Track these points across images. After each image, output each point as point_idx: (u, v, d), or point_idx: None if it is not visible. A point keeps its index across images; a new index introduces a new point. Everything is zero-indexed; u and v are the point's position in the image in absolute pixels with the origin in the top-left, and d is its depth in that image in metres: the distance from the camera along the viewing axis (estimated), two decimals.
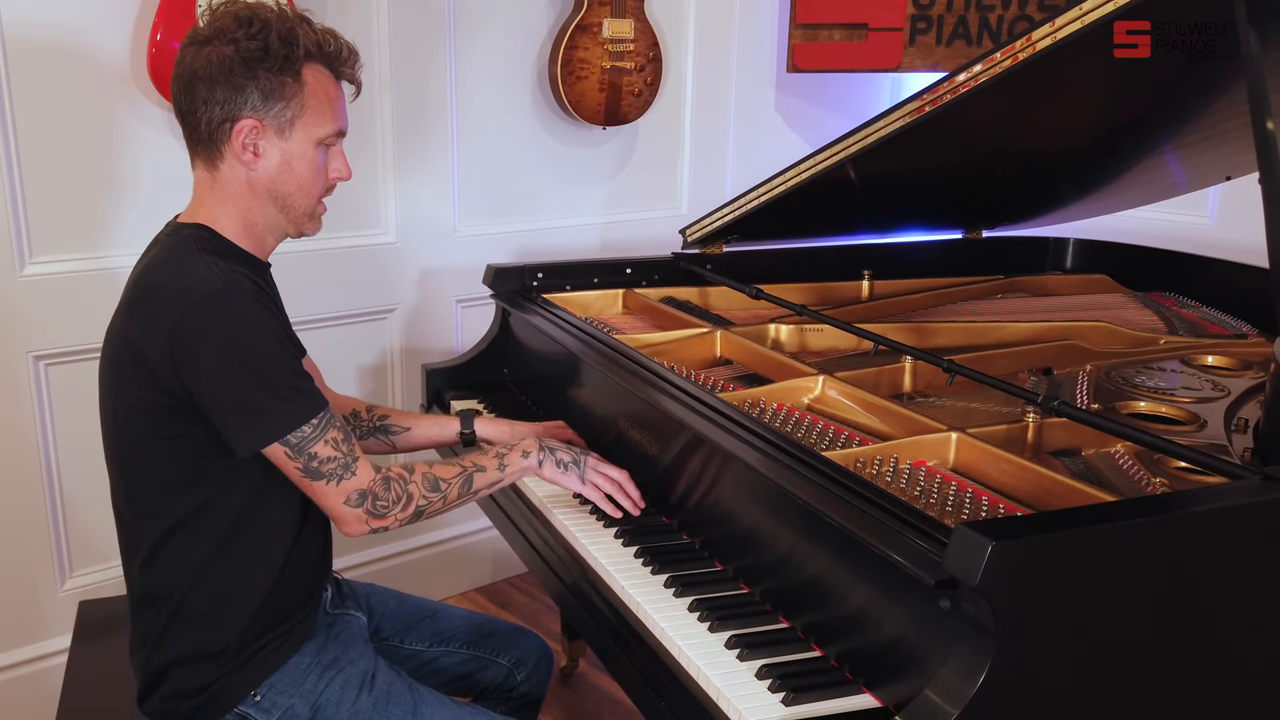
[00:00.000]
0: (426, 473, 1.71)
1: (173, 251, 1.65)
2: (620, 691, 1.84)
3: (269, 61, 1.60)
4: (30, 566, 2.64)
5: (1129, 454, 1.73)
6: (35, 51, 2.43)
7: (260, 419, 1.56)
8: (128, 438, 1.65)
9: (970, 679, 1.18)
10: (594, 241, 3.53)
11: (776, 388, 2.02)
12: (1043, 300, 2.74)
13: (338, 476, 1.61)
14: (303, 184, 1.69)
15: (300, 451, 1.58)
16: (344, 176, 1.75)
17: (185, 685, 1.68)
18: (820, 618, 1.51)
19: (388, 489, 1.65)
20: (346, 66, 1.71)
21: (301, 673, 1.71)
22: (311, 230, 1.77)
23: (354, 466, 1.63)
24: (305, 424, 1.58)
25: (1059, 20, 1.73)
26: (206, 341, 1.54)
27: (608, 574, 1.74)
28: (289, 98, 1.63)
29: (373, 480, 1.64)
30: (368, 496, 1.63)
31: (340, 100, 1.71)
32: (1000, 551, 1.15)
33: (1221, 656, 1.37)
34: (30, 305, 2.51)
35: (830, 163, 2.25)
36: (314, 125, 1.66)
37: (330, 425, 1.61)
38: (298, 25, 1.64)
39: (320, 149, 1.69)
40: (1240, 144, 2.16)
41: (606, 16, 3.19)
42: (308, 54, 1.64)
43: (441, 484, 1.72)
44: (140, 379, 1.58)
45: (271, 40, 1.60)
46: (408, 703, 1.75)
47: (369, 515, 1.64)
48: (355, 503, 1.63)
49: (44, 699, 2.52)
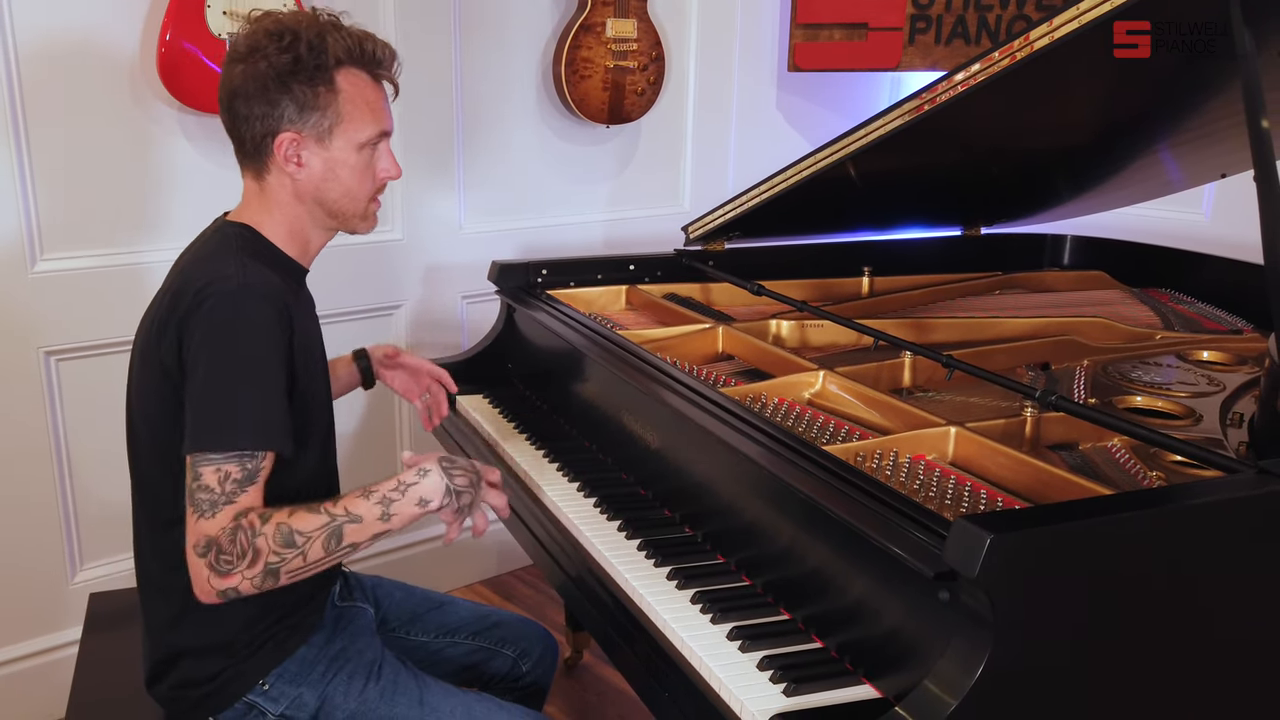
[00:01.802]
0: (282, 523, 1.51)
1: (211, 248, 1.67)
2: (624, 682, 1.85)
3: (301, 74, 1.60)
4: (41, 559, 2.66)
5: (1126, 448, 1.73)
6: (46, 51, 2.44)
7: (194, 425, 1.52)
8: (145, 425, 1.66)
9: (969, 670, 1.18)
10: (597, 238, 3.55)
11: (778, 383, 2.03)
12: (1040, 296, 2.74)
13: (201, 511, 1.50)
14: (348, 189, 1.70)
15: (193, 468, 1.51)
16: (393, 175, 1.75)
17: (194, 674, 1.69)
18: (821, 610, 1.51)
19: (233, 541, 1.49)
20: (383, 68, 1.71)
21: (309, 663, 1.73)
22: (365, 229, 1.78)
23: (220, 509, 1.50)
24: (215, 450, 1.51)
25: (1056, 20, 1.74)
26: (200, 334, 1.54)
27: (611, 566, 1.75)
28: (324, 107, 1.63)
29: (222, 529, 1.49)
30: (212, 548, 1.49)
31: (380, 101, 1.70)
32: (999, 544, 1.15)
33: (1217, 648, 1.37)
34: (41, 302, 2.53)
35: (830, 161, 2.26)
36: (354, 130, 1.66)
37: (237, 462, 1.51)
38: (329, 32, 1.63)
39: (364, 152, 1.69)
40: (1235, 142, 2.16)
41: (610, 16, 3.20)
42: (339, 60, 1.63)
43: (298, 538, 1.52)
44: (157, 367, 1.60)
45: (301, 52, 1.60)
46: (414, 692, 1.76)
47: (211, 570, 1.49)
48: (201, 551, 1.50)
49: (55, 690, 2.53)
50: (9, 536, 2.60)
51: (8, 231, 2.46)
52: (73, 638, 2.29)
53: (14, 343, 2.52)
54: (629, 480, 2.05)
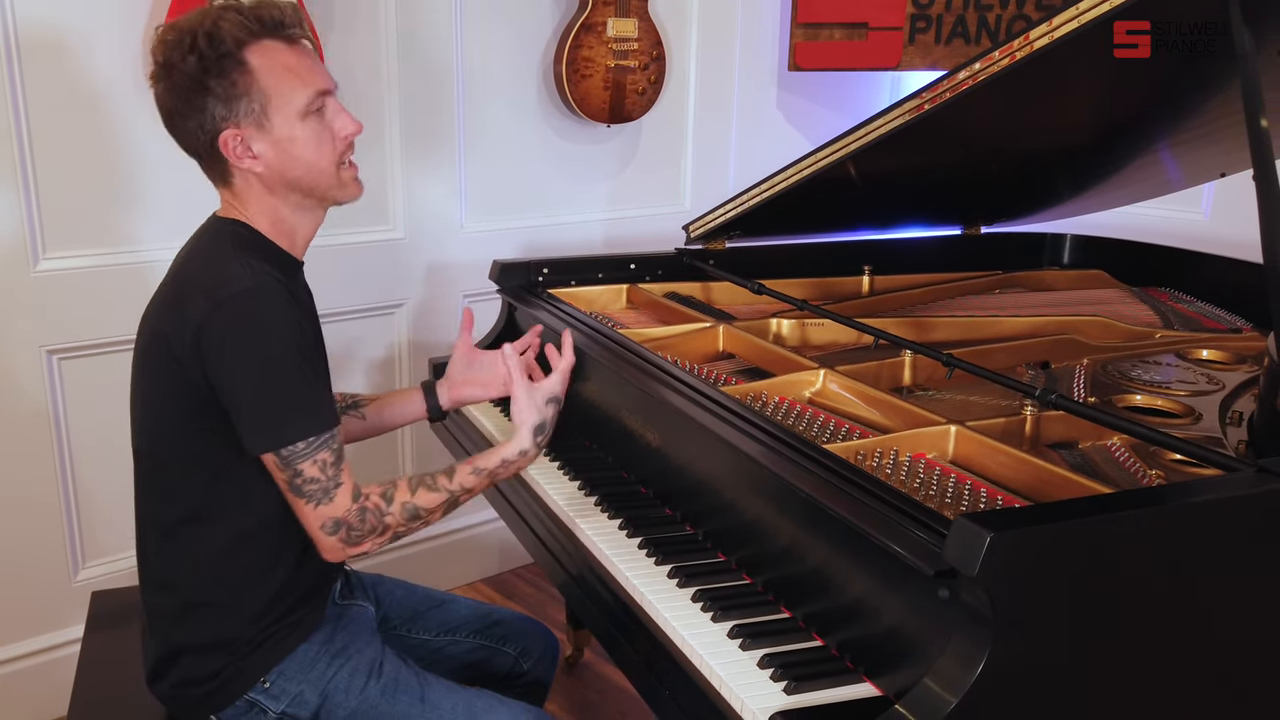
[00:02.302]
0: (407, 502, 1.67)
1: (211, 247, 1.67)
2: (625, 680, 1.86)
3: (210, 70, 1.57)
4: (44, 558, 2.67)
5: (1125, 446, 1.74)
6: (48, 51, 2.44)
7: (259, 424, 1.57)
8: (154, 426, 1.67)
9: (969, 668, 1.18)
10: (598, 237, 3.55)
11: (778, 381, 2.03)
12: (1040, 295, 2.75)
13: (316, 499, 1.60)
14: (308, 163, 1.66)
15: (288, 465, 1.58)
16: (350, 130, 1.69)
17: (196, 672, 1.69)
18: (821, 608, 1.51)
19: (362, 520, 1.63)
20: (289, 28, 1.64)
21: (310, 660, 1.73)
22: (346, 196, 1.73)
23: (334, 493, 1.60)
24: (300, 440, 1.57)
25: (1056, 20, 1.74)
26: (229, 338, 1.55)
27: (612, 565, 1.75)
28: (246, 91, 1.59)
29: (348, 510, 1.62)
30: (341, 526, 1.62)
31: (304, 62, 1.64)
32: (998, 542, 1.16)
33: (1216, 647, 1.37)
34: (43, 300, 2.53)
35: (831, 160, 2.26)
36: (285, 102, 1.62)
37: (325, 447, 1.59)
38: (222, 17, 1.59)
39: (310, 120, 1.64)
40: (1234, 142, 2.15)
41: (611, 16, 3.21)
42: (239, 41, 1.58)
43: (422, 512, 1.69)
44: (169, 370, 1.60)
45: (202, 48, 1.56)
46: (415, 689, 1.76)
47: (343, 544, 1.63)
48: (330, 530, 1.61)
49: (57, 688, 2.53)
50: (11, 535, 2.61)
51: (10, 230, 2.46)
52: (75, 636, 2.30)
53: (16, 341, 2.52)
54: (630, 479, 2.05)
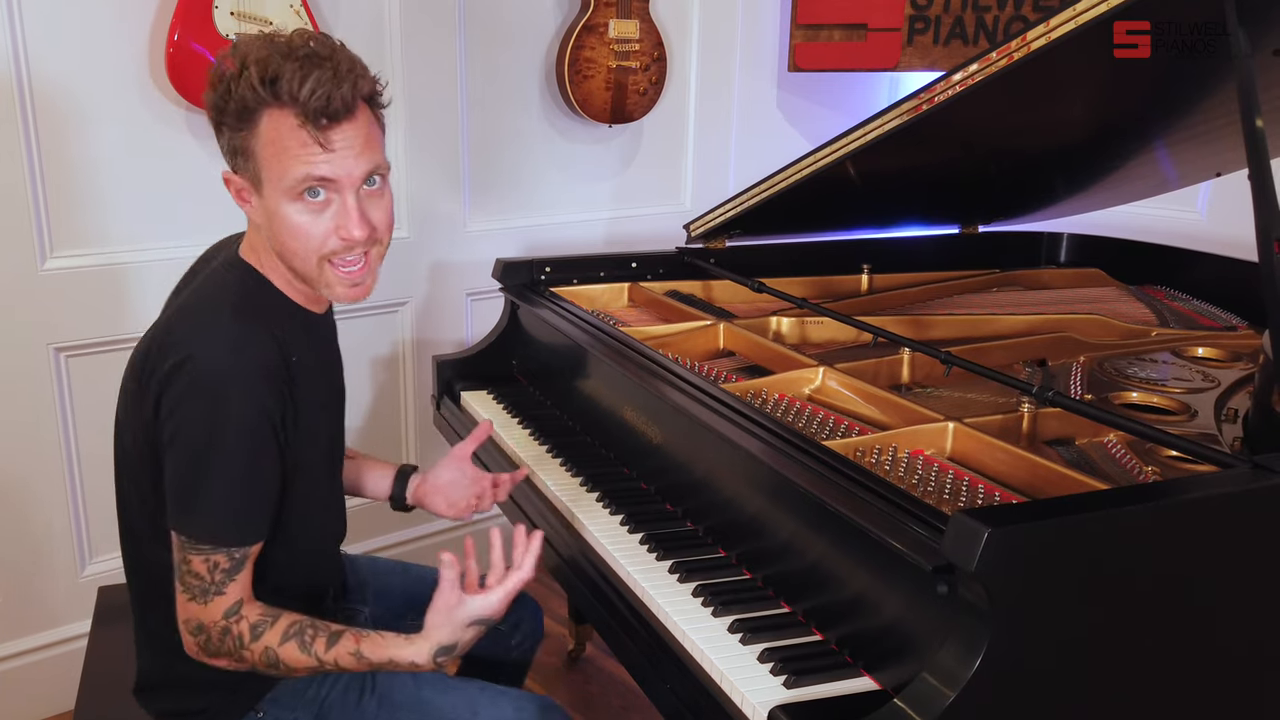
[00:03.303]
0: (270, 648, 1.51)
1: (211, 300, 1.55)
2: (626, 674, 1.87)
3: (227, 115, 1.46)
4: (50, 553, 2.68)
5: (1122, 443, 1.74)
6: (56, 51, 2.45)
7: (175, 501, 1.49)
8: (134, 458, 1.60)
9: (967, 662, 1.19)
10: (600, 236, 3.56)
11: (778, 379, 2.04)
12: (1037, 293, 2.75)
13: (191, 594, 1.50)
14: (290, 245, 1.50)
15: (181, 550, 1.50)
16: (349, 235, 1.50)
17: (183, 705, 1.66)
18: (821, 603, 1.52)
19: (222, 641, 1.51)
20: (324, 116, 1.43)
21: (301, 684, 1.68)
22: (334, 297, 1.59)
23: (211, 599, 1.50)
24: (202, 539, 1.48)
25: (1053, 20, 1.74)
26: (178, 411, 1.46)
27: (614, 560, 1.77)
28: (248, 152, 1.47)
29: (214, 622, 1.50)
30: (202, 632, 1.51)
31: (305, 143, 1.44)
32: (996, 538, 1.16)
33: (1212, 642, 1.38)
34: (51, 299, 2.55)
35: (830, 160, 2.26)
36: (275, 176, 1.46)
37: (223, 553, 1.49)
38: (270, 65, 1.42)
39: (299, 204, 1.48)
40: (1230, 141, 2.16)
41: (612, 17, 3.22)
42: (261, 99, 1.43)
43: (283, 667, 1.53)
44: (137, 409, 1.55)
45: (232, 88, 1.44)
46: (411, 693, 1.72)
47: (200, 649, 1.53)
48: (192, 630, 1.52)
49: (65, 682, 2.54)
50: (19, 530, 2.63)
51: (18, 229, 2.48)
52: (82, 630, 2.31)
53: (24, 339, 2.54)
54: (631, 475, 2.06)
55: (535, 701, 1.74)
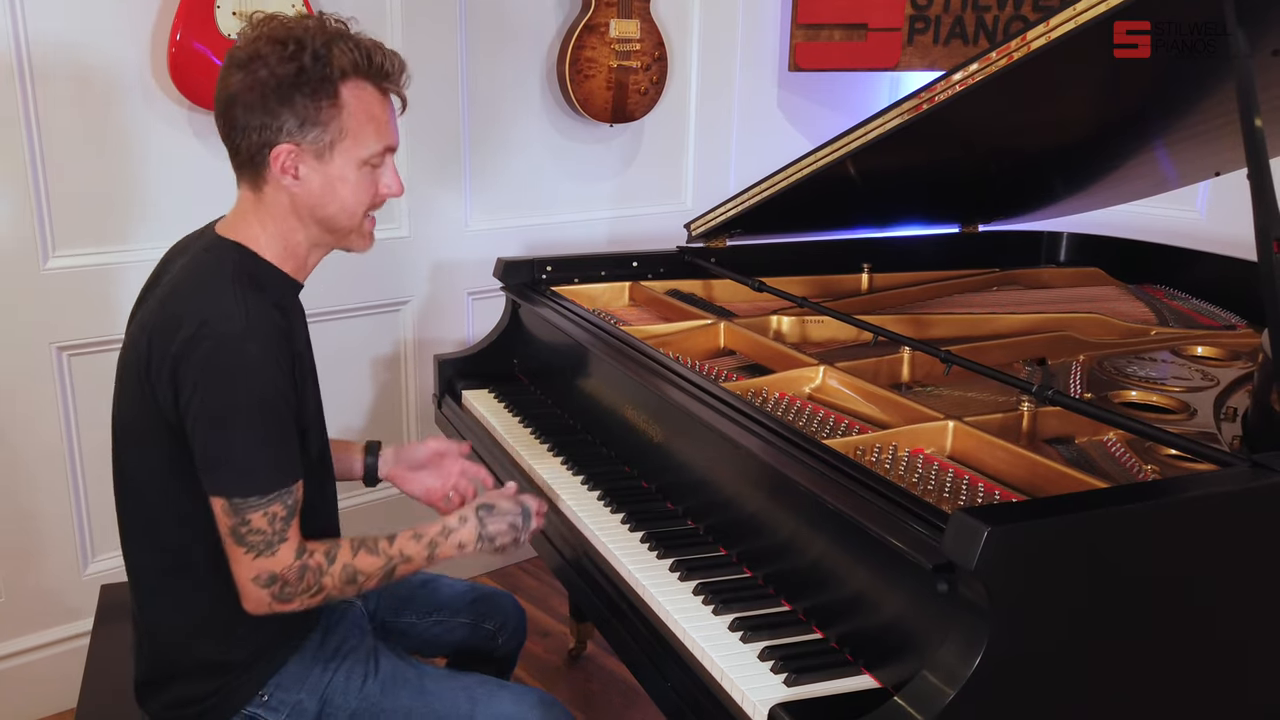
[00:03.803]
0: (348, 564, 1.61)
1: (206, 274, 1.59)
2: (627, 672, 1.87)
3: (304, 86, 1.52)
4: (54, 551, 2.69)
5: (1121, 442, 1.75)
6: (58, 51, 2.46)
7: (217, 469, 1.52)
8: (131, 437, 1.64)
9: (967, 660, 1.19)
10: (601, 236, 3.57)
11: (779, 377, 2.04)
12: (1037, 292, 2.76)
13: (257, 550, 1.54)
14: (345, 205, 1.62)
15: (236, 513, 1.52)
16: (395, 193, 1.67)
17: (188, 693, 1.67)
18: (821, 601, 1.53)
19: (300, 578, 1.57)
20: (391, 81, 1.61)
21: (305, 668, 1.71)
22: (361, 247, 1.70)
23: (277, 548, 1.55)
24: (256, 494, 1.52)
25: (1053, 20, 1.75)
26: (204, 379, 1.49)
27: (615, 558, 1.77)
28: (327, 122, 1.55)
29: (288, 567, 1.56)
30: (277, 581, 1.56)
31: (387, 116, 1.62)
32: (996, 536, 1.16)
33: (1211, 640, 1.38)
34: (53, 298, 2.55)
35: (831, 159, 2.27)
36: (356, 147, 1.59)
37: (279, 501, 1.54)
38: (336, 41, 1.54)
39: (365, 168, 1.61)
40: (1229, 141, 2.16)
41: (613, 17, 3.22)
42: (344, 72, 1.54)
43: (360, 577, 1.63)
44: (144, 398, 1.57)
45: (306, 62, 1.52)
46: (413, 681, 1.75)
47: (272, 599, 1.57)
48: (263, 584, 1.55)
49: (67, 680, 2.55)
50: (22, 529, 2.63)
51: (21, 229, 2.48)
52: (84, 629, 2.32)
53: (27, 338, 2.54)
54: (632, 473, 2.07)
55: (533, 694, 1.76)
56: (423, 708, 1.73)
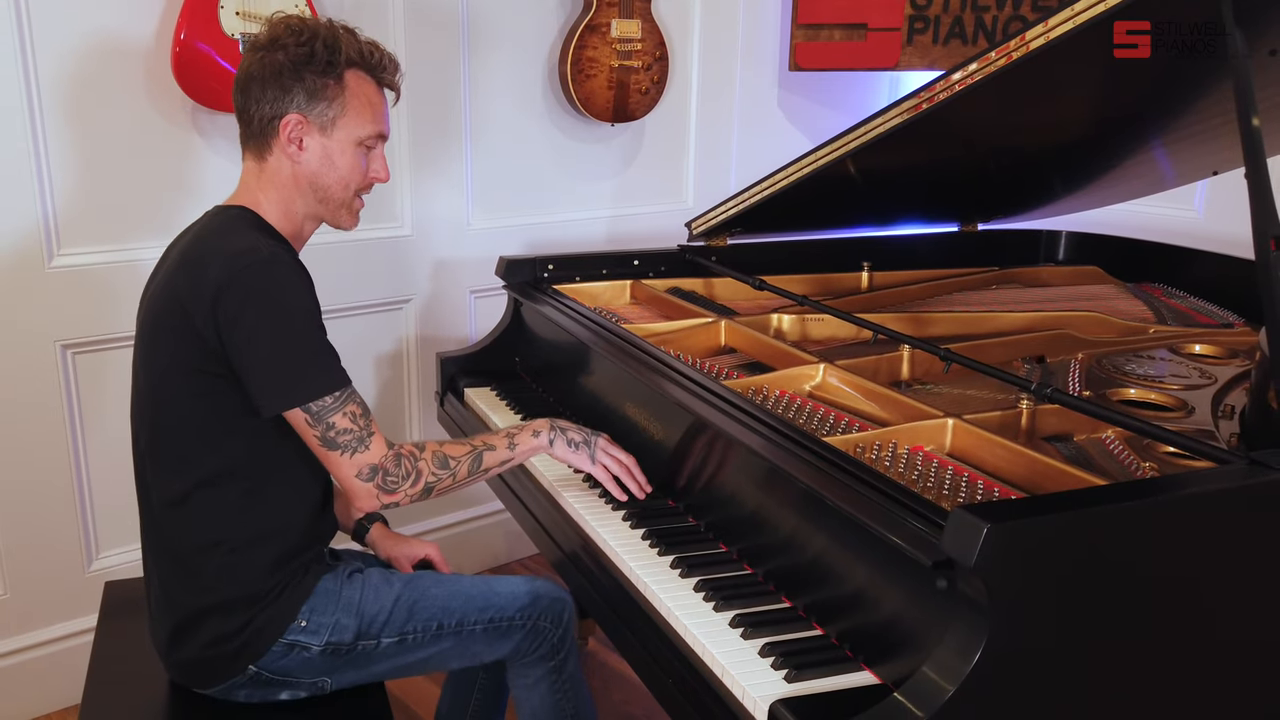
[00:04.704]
0: (437, 451, 1.79)
1: (222, 225, 1.76)
2: (628, 668, 1.88)
3: (314, 65, 1.73)
4: (58, 548, 2.69)
5: (1119, 439, 1.75)
6: (63, 50, 2.47)
7: (287, 383, 1.65)
8: (161, 395, 1.73)
9: (966, 657, 1.19)
10: (602, 234, 3.57)
11: (779, 375, 2.05)
12: (1036, 291, 2.76)
13: (351, 449, 1.69)
14: (341, 178, 1.80)
15: (319, 420, 1.67)
16: (382, 178, 1.87)
17: (224, 628, 1.73)
18: (821, 598, 1.53)
19: (398, 465, 1.73)
20: (387, 74, 1.84)
21: (336, 589, 1.80)
22: (348, 223, 1.87)
23: (369, 441, 1.71)
24: (328, 394, 1.67)
25: (1051, 20, 1.75)
26: (249, 302, 1.63)
27: (616, 555, 1.77)
28: (331, 99, 1.76)
29: (384, 456, 1.72)
30: (378, 472, 1.72)
31: (381, 105, 1.83)
32: (995, 533, 1.17)
33: (1209, 637, 1.39)
34: (58, 295, 2.56)
35: (831, 158, 2.27)
36: (354, 125, 1.79)
37: (351, 400, 1.69)
38: (342, 35, 1.78)
39: (360, 150, 1.81)
40: (1226, 140, 2.17)
41: (615, 17, 3.23)
42: (349, 60, 1.77)
43: (451, 461, 1.80)
44: (181, 334, 1.67)
45: (317, 47, 1.73)
46: (435, 577, 1.91)
47: (379, 490, 1.72)
48: (366, 477, 1.71)
49: (72, 676, 2.57)
50: (27, 526, 2.64)
51: (26, 226, 2.49)
52: (89, 625, 2.33)
53: (31, 335, 2.55)
54: None
55: (542, 577, 1.96)
56: (449, 591, 1.87)
